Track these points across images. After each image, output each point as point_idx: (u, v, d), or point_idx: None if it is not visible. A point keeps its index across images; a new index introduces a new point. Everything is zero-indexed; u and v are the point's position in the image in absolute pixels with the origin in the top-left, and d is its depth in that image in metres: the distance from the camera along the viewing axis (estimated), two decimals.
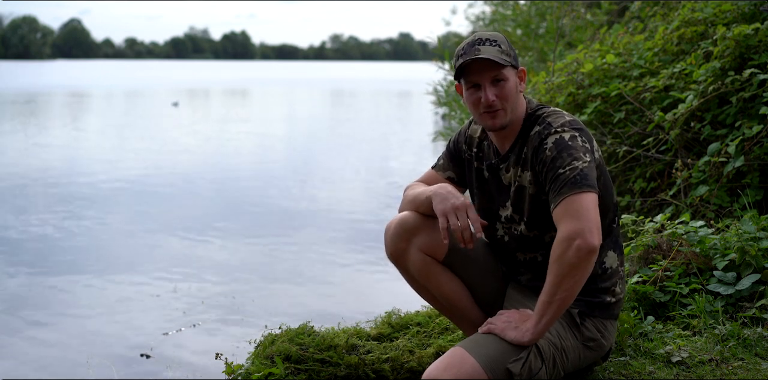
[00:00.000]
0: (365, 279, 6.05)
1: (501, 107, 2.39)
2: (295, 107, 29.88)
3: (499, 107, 2.39)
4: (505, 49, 2.40)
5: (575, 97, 5.84)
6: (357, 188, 10.43)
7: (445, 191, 2.43)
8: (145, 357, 4.28)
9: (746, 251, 3.22)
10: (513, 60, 2.41)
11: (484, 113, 2.41)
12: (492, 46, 2.38)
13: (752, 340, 2.82)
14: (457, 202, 2.39)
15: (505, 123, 2.41)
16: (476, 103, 2.41)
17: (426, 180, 2.68)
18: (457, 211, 2.38)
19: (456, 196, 2.41)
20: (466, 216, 2.38)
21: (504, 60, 2.37)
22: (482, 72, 2.38)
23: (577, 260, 2.16)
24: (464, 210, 2.38)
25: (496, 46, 2.39)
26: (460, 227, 2.36)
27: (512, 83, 2.40)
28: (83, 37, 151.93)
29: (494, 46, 2.39)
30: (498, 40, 2.41)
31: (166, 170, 11.70)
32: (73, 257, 6.54)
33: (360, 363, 2.85)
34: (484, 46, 2.38)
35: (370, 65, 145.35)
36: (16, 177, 10.68)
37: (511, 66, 2.40)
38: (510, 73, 2.41)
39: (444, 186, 2.46)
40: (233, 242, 7.15)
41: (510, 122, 2.42)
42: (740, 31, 4.66)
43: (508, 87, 2.39)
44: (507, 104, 2.39)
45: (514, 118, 2.43)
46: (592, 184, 2.24)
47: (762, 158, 4.22)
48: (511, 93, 2.40)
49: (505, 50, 2.40)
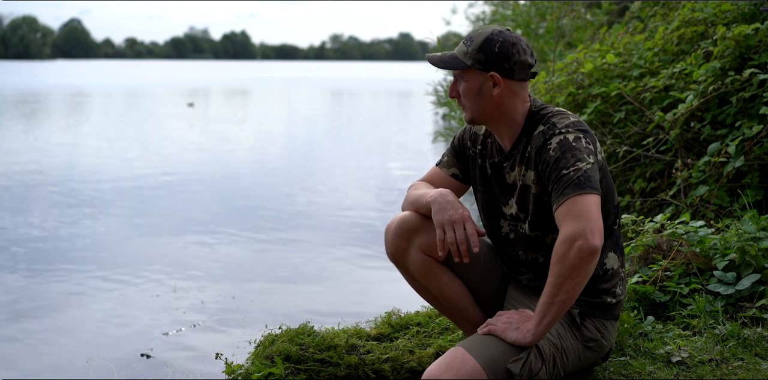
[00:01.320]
0: (365, 279, 6.05)
1: (463, 104, 2.44)
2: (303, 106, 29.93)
3: (461, 104, 2.45)
4: (471, 50, 2.37)
5: (575, 97, 5.84)
6: (357, 187, 10.43)
7: (444, 200, 2.41)
8: (145, 357, 4.28)
9: (746, 251, 3.22)
10: (478, 63, 2.36)
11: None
12: (465, 44, 2.40)
13: (752, 340, 2.82)
14: (455, 215, 2.38)
15: (470, 119, 2.44)
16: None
17: (430, 178, 2.67)
18: (454, 224, 2.37)
19: (454, 207, 2.39)
20: (463, 229, 2.38)
21: (458, 62, 2.38)
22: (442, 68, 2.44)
23: (579, 261, 2.16)
24: (461, 223, 2.37)
25: (468, 45, 2.38)
26: (455, 242, 2.37)
27: (471, 85, 2.39)
28: (83, 37, 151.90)
29: (467, 44, 2.39)
30: (475, 40, 2.37)
31: (169, 170, 11.70)
32: (73, 258, 6.54)
33: (360, 363, 2.85)
34: (461, 44, 2.42)
35: (370, 65, 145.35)
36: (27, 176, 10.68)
37: (474, 68, 2.37)
38: (471, 75, 2.38)
39: (444, 194, 2.44)
40: (233, 242, 7.15)
41: (474, 119, 2.44)
42: (740, 31, 4.66)
43: (465, 88, 2.40)
44: (467, 104, 2.42)
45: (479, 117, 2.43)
46: (595, 186, 2.23)
47: (762, 158, 4.22)
48: (467, 94, 2.40)
49: (471, 51, 2.37)
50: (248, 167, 12.28)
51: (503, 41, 2.36)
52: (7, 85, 39.73)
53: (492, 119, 2.43)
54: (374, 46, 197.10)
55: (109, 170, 11.52)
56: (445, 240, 2.37)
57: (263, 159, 13.31)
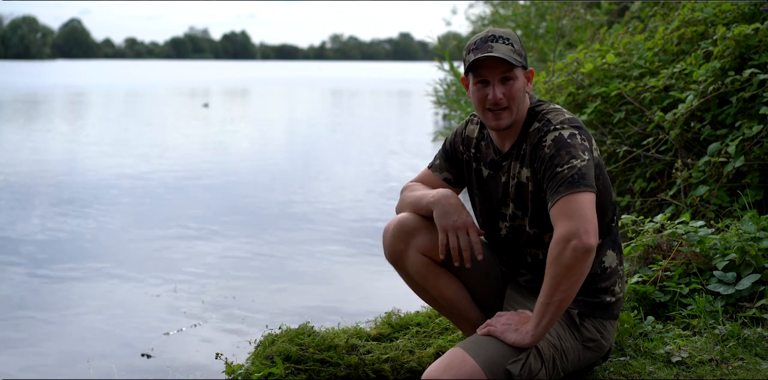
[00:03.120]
0: (365, 279, 6.05)
1: (507, 106, 2.38)
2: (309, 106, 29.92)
3: (505, 105, 2.37)
4: (517, 48, 2.39)
5: (575, 97, 5.84)
6: (357, 187, 10.43)
7: (447, 203, 2.42)
8: (145, 356, 4.28)
9: (746, 251, 3.22)
10: (523, 60, 2.40)
11: (488, 110, 2.39)
12: (505, 44, 2.37)
13: (752, 340, 2.83)
14: (458, 221, 2.39)
15: (510, 123, 2.40)
16: (482, 99, 2.39)
17: (422, 180, 2.66)
18: (458, 230, 2.38)
19: (458, 212, 2.40)
20: (467, 235, 2.38)
21: (516, 60, 2.36)
22: (493, 69, 2.36)
23: (574, 260, 2.16)
24: (465, 230, 2.38)
25: (510, 44, 2.37)
26: (459, 248, 2.37)
27: (521, 83, 2.39)
28: (83, 37, 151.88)
29: (507, 44, 2.37)
30: (511, 39, 2.39)
31: (172, 170, 11.70)
32: (74, 257, 6.54)
33: (360, 363, 2.85)
34: (497, 44, 2.36)
35: (370, 65, 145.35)
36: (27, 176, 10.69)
37: (521, 66, 2.39)
38: (519, 73, 2.40)
39: (447, 196, 2.44)
40: (234, 242, 7.15)
41: (514, 122, 2.41)
42: (740, 31, 4.66)
43: (517, 87, 2.38)
44: (513, 104, 2.38)
45: (518, 118, 2.42)
46: (590, 183, 2.23)
47: (762, 158, 4.22)
48: (518, 93, 2.39)
49: (517, 50, 2.39)
50: (248, 167, 12.27)
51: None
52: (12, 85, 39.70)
53: (520, 118, 2.43)
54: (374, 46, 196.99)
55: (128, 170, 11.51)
56: (448, 245, 2.37)
57: (264, 159, 13.31)
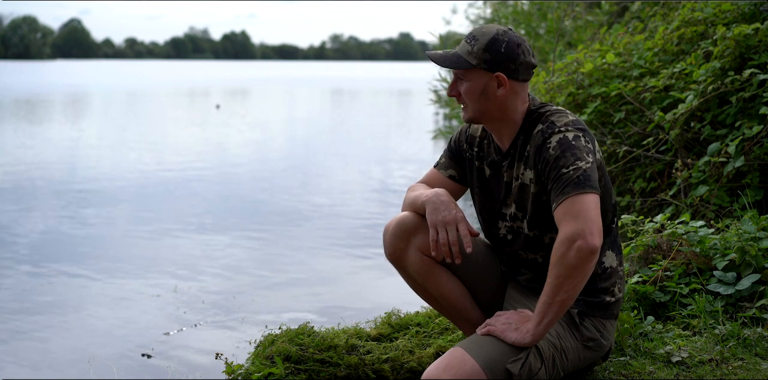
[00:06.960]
0: (365, 279, 6.05)
1: (463, 103, 2.42)
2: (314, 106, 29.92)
3: (462, 103, 2.43)
4: (477, 49, 2.34)
5: (575, 97, 5.84)
6: (357, 187, 10.43)
7: (438, 200, 2.42)
8: (146, 356, 4.28)
9: (746, 251, 3.22)
10: (483, 63, 2.34)
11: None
12: (468, 43, 2.37)
13: (752, 340, 2.83)
14: (448, 216, 2.38)
15: (470, 119, 2.43)
16: None
17: (428, 180, 2.66)
18: (447, 225, 2.37)
19: (448, 208, 2.40)
20: (456, 230, 2.38)
21: (462, 62, 2.35)
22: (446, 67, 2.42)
23: (578, 261, 2.16)
24: (454, 224, 2.37)
25: (473, 44, 2.36)
26: (446, 242, 2.37)
27: (475, 85, 2.37)
28: (83, 37, 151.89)
29: (470, 43, 2.37)
30: (480, 39, 2.35)
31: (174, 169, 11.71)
32: (74, 257, 6.54)
33: (360, 364, 2.86)
34: (463, 43, 2.39)
35: (370, 65, 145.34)
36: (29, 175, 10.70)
37: (479, 68, 2.35)
38: (474, 74, 2.37)
39: (438, 194, 2.44)
40: (234, 242, 7.15)
41: (474, 119, 2.43)
42: (740, 31, 4.66)
43: (468, 88, 2.38)
44: (468, 103, 2.40)
45: (488, 118, 2.41)
46: (594, 185, 2.23)
47: (762, 158, 4.23)
48: (470, 94, 2.38)
49: (477, 51, 2.34)
50: (249, 165, 12.27)
51: (509, 41, 2.34)
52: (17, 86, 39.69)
53: (492, 119, 2.42)
54: (374, 46, 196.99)
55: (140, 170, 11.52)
56: (438, 240, 2.37)
57: (264, 158, 13.31)
